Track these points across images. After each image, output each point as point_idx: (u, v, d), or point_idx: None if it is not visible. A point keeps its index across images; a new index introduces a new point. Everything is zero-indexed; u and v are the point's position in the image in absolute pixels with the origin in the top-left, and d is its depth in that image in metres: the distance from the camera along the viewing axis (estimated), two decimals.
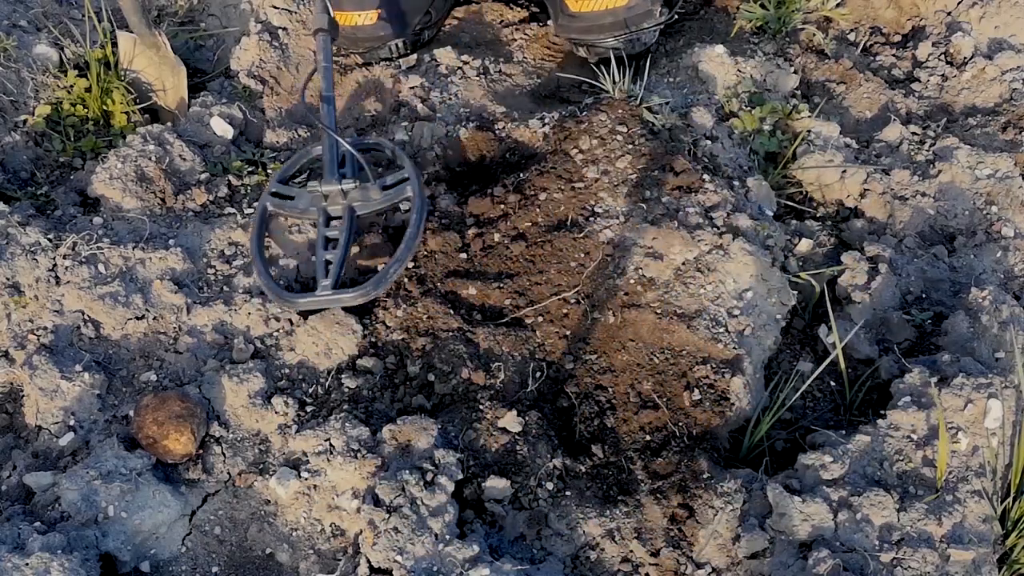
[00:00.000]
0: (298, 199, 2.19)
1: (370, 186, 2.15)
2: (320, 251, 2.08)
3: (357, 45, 2.64)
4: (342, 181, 2.14)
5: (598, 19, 2.44)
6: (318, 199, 2.16)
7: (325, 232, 2.11)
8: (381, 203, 2.15)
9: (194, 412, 1.92)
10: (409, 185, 2.14)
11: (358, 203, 2.14)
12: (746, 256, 2.04)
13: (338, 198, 2.15)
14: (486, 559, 1.70)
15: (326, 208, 2.15)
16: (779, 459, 1.96)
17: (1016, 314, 1.97)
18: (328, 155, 2.17)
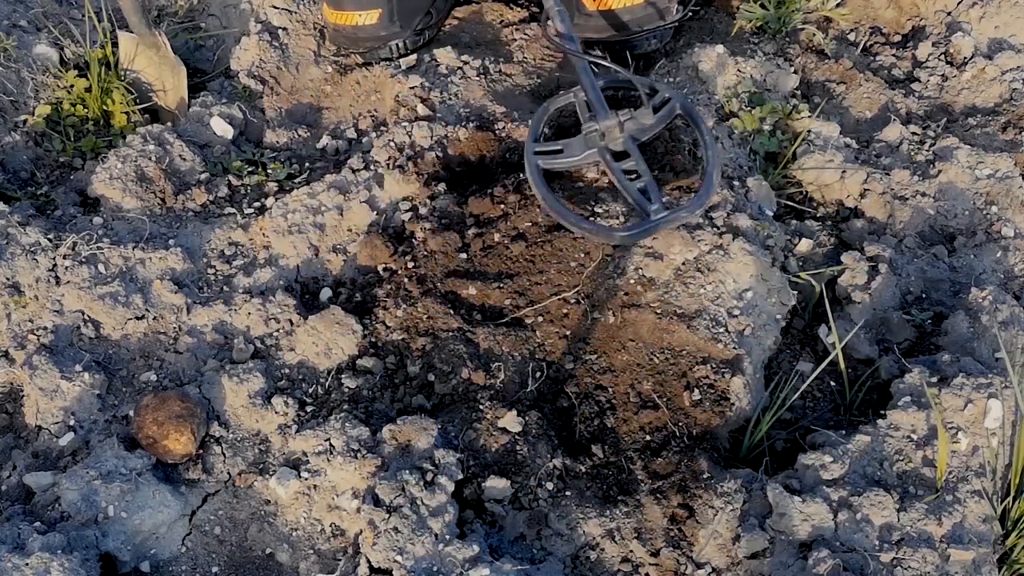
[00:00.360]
0: (570, 148, 2.14)
1: (642, 111, 2.12)
2: (628, 184, 2.03)
3: (358, 45, 2.64)
4: (619, 114, 2.09)
5: (617, 17, 2.47)
6: (594, 140, 2.11)
7: (620, 167, 2.06)
8: (656, 126, 2.13)
9: (194, 412, 1.92)
10: (676, 102, 2.13)
11: (635, 131, 2.11)
12: (746, 256, 2.04)
13: (615, 132, 2.09)
14: (486, 559, 1.70)
15: (606, 146, 2.10)
16: (779, 459, 1.96)
17: (1016, 314, 1.97)
18: (593, 92, 2.12)
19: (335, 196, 2.26)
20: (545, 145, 2.17)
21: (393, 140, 2.39)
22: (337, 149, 2.55)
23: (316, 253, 2.22)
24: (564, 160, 2.14)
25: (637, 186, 2.02)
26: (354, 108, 2.63)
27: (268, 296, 2.13)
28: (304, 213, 2.24)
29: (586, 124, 2.10)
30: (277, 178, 2.44)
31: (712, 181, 2.02)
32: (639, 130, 2.12)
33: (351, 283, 2.21)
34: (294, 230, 2.22)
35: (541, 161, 2.13)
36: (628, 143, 2.09)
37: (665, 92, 2.15)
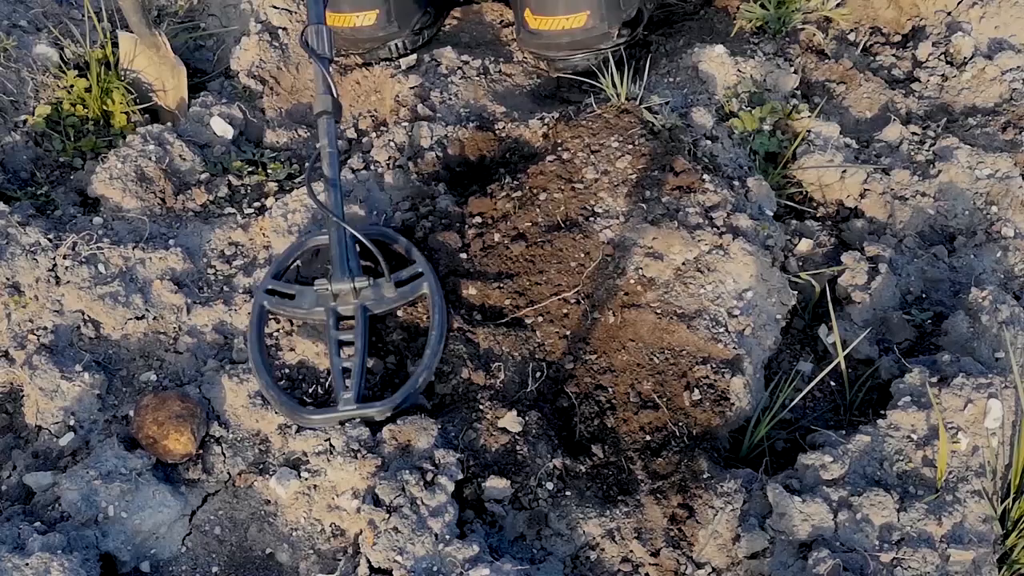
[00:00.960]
0: (300, 297, 2.02)
1: (383, 282, 1.99)
2: (335, 357, 1.92)
3: (357, 46, 2.64)
4: (354, 278, 1.96)
5: (556, 38, 2.46)
6: (326, 298, 1.99)
7: (338, 335, 1.95)
8: (395, 301, 2.00)
9: (194, 412, 1.92)
10: (424, 282, 2.00)
11: (370, 302, 1.99)
12: (746, 256, 2.04)
13: (349, 297, 1.98)
14: (486, 559, 1.70)
15: (335, 308, 1.98)
16: (779, 459, 1.96)
17: (1016, 314, 1.97)
18: (337, 249, 1.98)
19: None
20: (281, 284, 2.05)
21: (393, 140, 2.39)
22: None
23: (316, 254, 2.22)
24: (291, 307, 2.02)
25: (343, 364, 1.91)
26: (354, 108, 2.63)
27: None
28: (304, 213, 2.24)
29: (319, 280, 1.99)
30: (277, 178, 2.44)
31: (417, 381, 1.89)
32: (375, 301, 1.99)
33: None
34: (294, 230, 2.22)
35: (267, 302, 2.02)
36: (358, 312, 1.97)
37: (418, 267, 2.03)
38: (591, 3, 2.42)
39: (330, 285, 1.96)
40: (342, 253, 1.98)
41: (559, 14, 2.42)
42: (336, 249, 1.98)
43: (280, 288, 2.04)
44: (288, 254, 2.11)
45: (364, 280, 1.96)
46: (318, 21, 2.08)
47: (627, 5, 2.49)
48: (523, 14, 2.50)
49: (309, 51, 2.06)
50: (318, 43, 2.08)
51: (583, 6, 2.42)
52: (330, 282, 1.96)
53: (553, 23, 2.43)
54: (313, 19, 2.08)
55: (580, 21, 2.44)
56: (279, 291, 2.04)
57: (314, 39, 2.08)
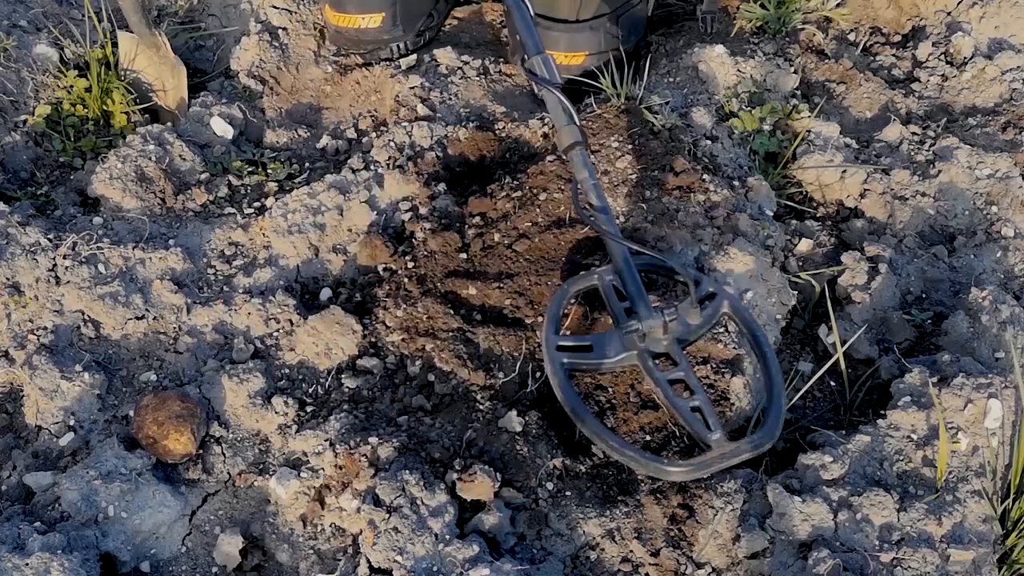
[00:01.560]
0: (601, 346, 1.81)
1: (686, 308, 1.81)
2: (674, 399, 1.72)
3: (360, 47, 2.64)
4: (664, 313, 1.78)
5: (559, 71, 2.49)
6: (632, 340, 1.79)
7: (665, 377, 1.75)
8: (702, 327, 1.83)
9: (194, 412, 1.92)
10: (724, 300, 1.84)
11: (679, 333, 1.81)
12: (746, 256, 2.04)
13: (658, 333, 1.78)
14: (486, 559, 1.70)
15: (647, 348, 1.79)
16: (779, 459, 1.96)
17: (1016, 314, 1.97)
18: (634, 286, 1.82)
19: (335, 196, 2.26)
20: (571, 339, 1.85)
21: (393, 140, 2.39)
22: (337, 149, 2.55)
23: (316, 253, 2.22)
24: (595, 360, 1.81)
25: (689, 404, 1.72)
26: (354, 108, 2.63)
27: (268, 296, 2.13)
28: (304, 213, 2.24)
29: (624, 322, 1.80)
30: (277, 178, 2.44)
31: (780, 407, 1.72)
32: (684, 331, 1.81)
33: (351, 283, 2.21)
34: (294, 230, 2.22)
35: (567, 358, 1.80)
36: (673, 347, 1.79)
37: (709, 286, 1.86)
38: (591, 44, 2.48)
39: (640, 325, 1.78)
40: (640, 289, 1.82)
41: (559, 51, 2.45)
42: (632, 286, 1.83)
43: (570, 343, 1.84)
44: (557, 305, 1.89)
45: (672, 312, 1.78)
46: (538, 51, 1.99)
47: (627, 43, 2.53)
48: None
49: (540, 82, 1.95)
50: (548, 72, 1.98)
51: (583, 47, 2.48)
52: (640, 321, 1.78)
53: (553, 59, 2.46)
54: (533, 50, 1.99)
55: (579, 60, 2.50)
56: (571, 346, 1.83)
57: (541, 69, 1.98)
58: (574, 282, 1.92)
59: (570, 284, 1.92)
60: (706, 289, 1.86)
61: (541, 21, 2.45)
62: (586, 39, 2.47)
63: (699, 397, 1.72)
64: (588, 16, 2.46)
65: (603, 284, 1.89)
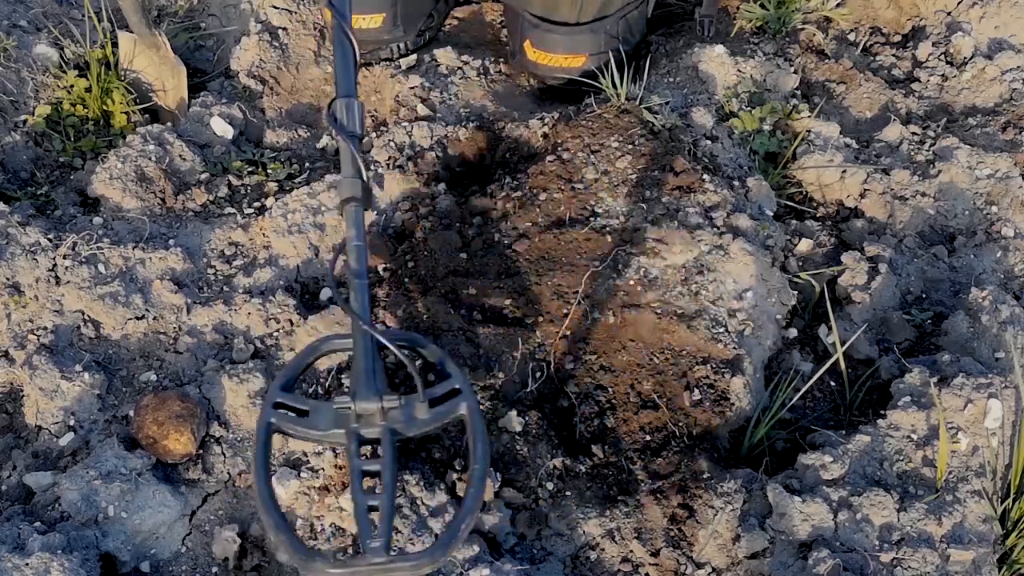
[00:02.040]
0: (316, 415, 1.64)
1: (415, 401, 1.63)
2: (358, 494, 1.54)
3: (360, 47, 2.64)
4: (382, 397, 1.60)
5: (553, 72, 2.51)
6: (346, 418, 1.61)
7: (360, 465, 1.57)
8: (429, 424, 1.63)
9: (194, 412, 1.92)
10: (463, 401, 1.64)
11: (399, 424, 1.61)
12: (746, 256, 2.04)
13: (375, 418, 1.60)
14: (486, 559, 1.70)
15: (358, 430, 1.60)
16: (779, 459, 1.96)
17: (1016, 314, 1.97)
18: (364, 361, 1.63)
19: (335, 196, 2.26)
20: (292, 398, 1.66)
21: (393, 140, 2.39)
22: (337, 149, 2.55)
23: (316, 253, 2.22)
24: (304, 427, 1.63)
25: (369, 501, 1.52)
26: None
27: (268, 296, 2.13)
28: (304, 213, 2.24)
29: (340, 397, 1.61)
30: (277, 178, 2.44)
31: (460, 530, 1.50)
32: (405, 424, 1.61)
33: None
34: (294, 230, 2.22)
35: (276, 418, 1.63)
36: (386, 436, 1.59)
37: (457, 383, 1.66)
38: (591, 47, 2.47)
39: (353, 404, 1.60)
40: (368, 366, 1.64)
41: (559, 54, 2.44)
42: (362, 361, 1.64)
43: (290, 402, 1.67)
44: (300, 361, 1.76)
45: (394, 399, 1.60)
46: (347, 95, 1.81)
47: (627, 45, 2.52)
48: (523, 44, 2.52)
49: (337, 127, 1.78)
50: (348, 119, 1.79)
51: (583, 49, 2.47)
52: (353, 400, 1.60)
53: (552, 61, 2.46)
54: (342, 92, 1.81)
55: (579, 63, 2.48)
56: (289, 405, 1.66)
57: (343, 114, 1.80)
58: (328, 342, 1.77)
59: (323, 343, 1.77)
60: (451, 385, 1.67)
61: (541, 24, 2.45)
62: (587, 41, 2.47)
63: (384, 499, 1.53)
64: (588, 19, 2.46)
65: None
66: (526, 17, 2.49)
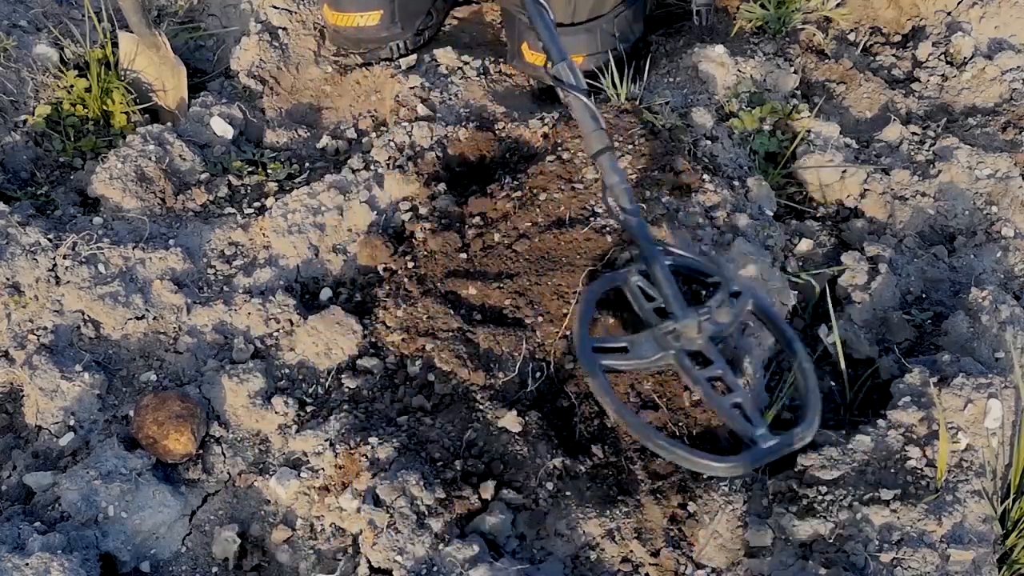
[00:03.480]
0: (637, 347, 1.83)
1: (717, 306, 1.86)
2: (715, 398, 1.76)
3: (359, 46, 2.64)
4: (698, 312, 1.82)
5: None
6: (667, 340, 1.82)
7: (703, 374, 1.79)
8: (731, 323, 1.87)
9: (194, 412, 1.92)
10: (749, 297, 1.89)
11: (713, 331, 1.85)
12: (746, 256, 2.04)
13: (692, 332, 1.81)
14: (486, 559, 1.70)
15: (682, 348, 1.82)
16: (779, 459, 1.95)
17: (1016, 314, 1.97)
18: (670, 287, 1.85)
19: (335, 196, 2.26)
20: (606, 341, 1.87)
21: (393, 140, 2.39)
22: (337, 149, 2.55)
23: (316, 253, 2.22)
24: (631, 360, 1.83)
25: (730, 401, 1.76)
26: (354, 108, 2.63)
27: (268, 296, 2.13)
28: (304, 213, 2.24)
29: (656, 322, 1.84)
30: (277, 178, 2.44)
31: (817, 399, 1.77)
32: (716, 329, 1.85)
33: (351, 283, 2.21)
34: (294, 230, 2.22)
35: (604, 359, 1.82)
36: (707, 345, 1.82)
37: (735, 285, 1.91)
38: (589, 47, 2.46)
39: (676, 325, 1.81)
40: (675, 290, 1.85)
41: None
42: (667, 288, 1.85)
43: (605, 344, 1.86)
44: (586, 308, 1.90)
45: (706, 311, 1.83)
46: (562, 58, 2.00)
47: (623, 40, 2.51)
48: (520, 46, 2.51)
49: (567, 88, 1.97)
50: (574, 78, 1.99)
51: (581, 50, 2.45)
52: (677, 323, 1.81)
53: (543, 60, 2.45)
54: (557, 57, 2.00)
55: (577, 63, 2.46)
56: (607, 348, 1.85)
57: (567, 75, 1.99)
58: (600, 283, 1.93)
59: (597, 286, 1.92)
60: (732, 287, 1.89)
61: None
62: (583, 42, 2.46)
63: (739, 394, 1.76)
64: (583, 19, 2.45)
65: (629, 285, 1.91)
66: (521, 20, 2.49)
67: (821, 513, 1.73)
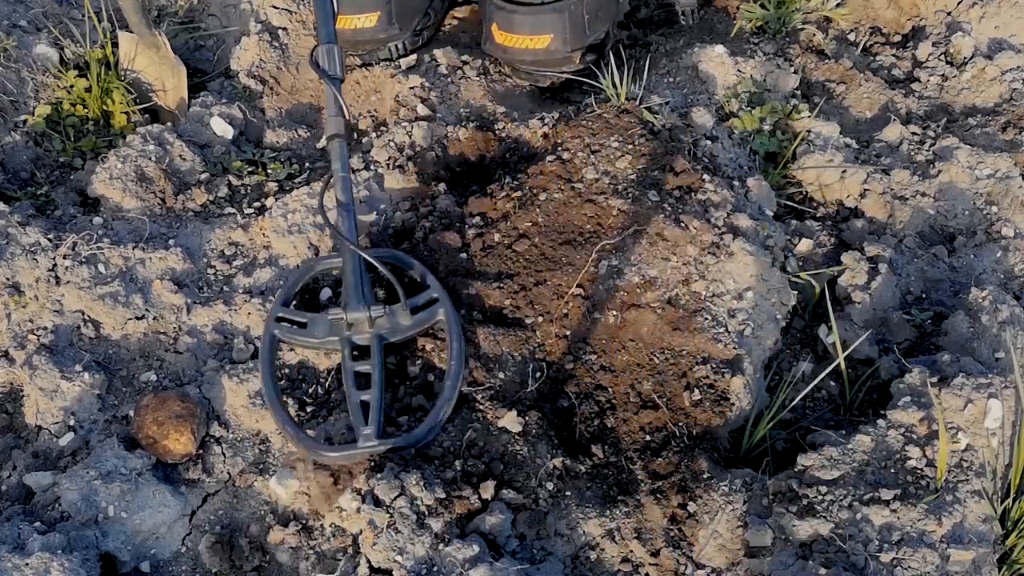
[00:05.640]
0: (313, 326, 1.95)
1: (399, 310, 1.93)
2: (352, 390, 1.86)
3: (357, 48, 2.64)
4: (370, 307, 1.90)
5: (519, 55, 2.48)
6: (340, 327, 1.93)
7: (353, 367, 1.90)
8: (411, 329, 1.95)
9: (194, 412, 1.92)
10: (440, 308, 1.95)
11: (386, 330, 1.93)
12: (746, 256, 2.04)
13: (364, 325, 1.92)
14: (486, 559, 1.70)
15: (350, 337, 1.92)
16: (779, 459, 1.96)
17: (1016, 314, 1.97)
18: (352, 277, 1.94)
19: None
20: (292, 312, 1.98)
21: (393, 140, 2.39)
22: None
23: (316, 253, 2.22)
24: (303, 338, 1.96)
25: (361, 397, 1.85)
26: (354, 108, 2.63)
27: (268, 296, 2.12)
28: (304, 213, 2.24)
29: (333, 308, 1.94)
30: (277, 178, 2.44)
31: (439, 414, 1.83)
32: (391, 330, 1.93)
33: None
34: (294, 230, 2.22)
35: (279, 331, 1.96)
36: (373, 341, 1.91)
37: (434, 293, 1.98)
38: (555, 27, 2.43)
39: (345, 314, 1.91)
40: (356, 281, 1.93)
41: (524, 34, 2.42)
42: (351, 277, 1.93)
43: (291, 316, 1.97)
44: (297, 278, 2.04)
45: (380, 309, 1.91)
46: (329, 41, 2.05)
47: (593, 30, 2.48)
48: (491, 27, 2.51)
49: (320, 72, 2.04)
50: (329, 63, 2.05)
51: (547, 30, 2.42)
52: (345, 311, 1.91)
53: (518, 42, 2.43)
54: (324, 39, 2.05)
55: (543, 43, 2.45)
56: (290, 319, 1.97)
57: (325, 59, 2.05)
58: (321, 261, 2.08)
59: (317, 262, 2.08)
60: (430, 295, 1.97)
61: (506, 5, 2.43)
62: (550, 21, 2.42)
63: (372, 393, 1.84)
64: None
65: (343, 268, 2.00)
66: (492, 2, 2.48)
67: (821, 513, 1.73)
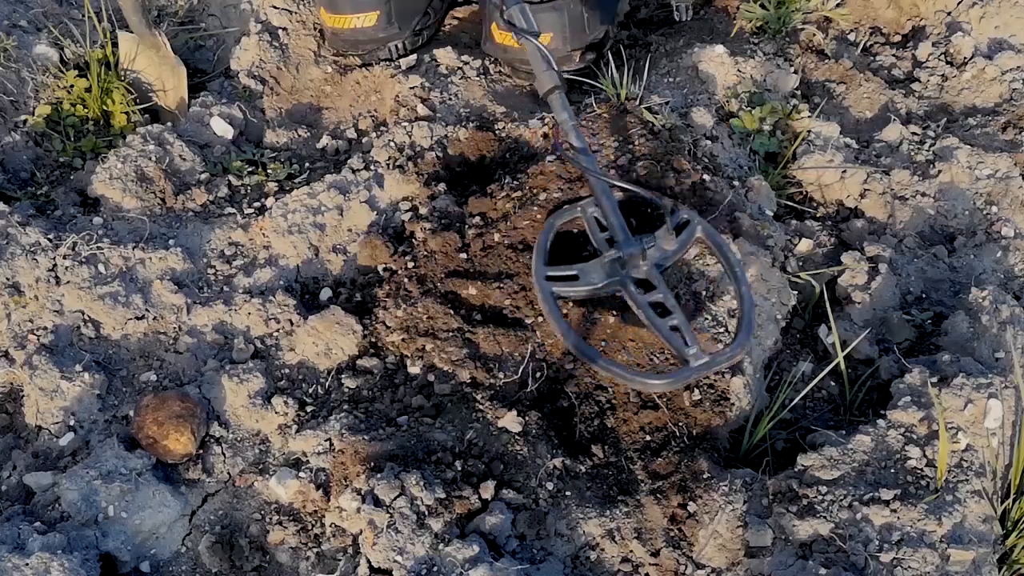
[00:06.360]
0: (586, 274, 1.96)
1: (661, 235, 1.94)
2: (657, 321, 1.86)
3: (357, 48, 2.64)
4: (642, 240, 1.92)
5: (520, 54, 2.48)
6: (614, 268, 1.94)
7: (645, 299, 1.90)
8: (678, 252, 1.98)
9: (194, 412, 1.92)
10: (698, 225, 1.99)
11: (658, 258, 1.95)
12: (746, 256, 2.04)
13: (638, 259, 1.92)
14: (486, 559, 1.70)
15: (628, 274, 1.93)
16: (779, 459, 1.96)
17: (1016, 314, 1.97)
18: (615, 217, 1.97)
19: (335, 196, 2.26)
20: (558, 269, 1.97)
21: (393, 140, 2.39)
22: (337, 149, 2.55)
23: (316, 253, 2.22)
24: (580, 288, 1.95)
25: (668, 323, 1.86)
26: (354, 108, 2.63)
27: (268, 296, 2.13)
28: (304, 213, 2.24)
29: (606, 251, 1.96)
30: (277, 178, 2.44)
31: (751, 321, 1.87)
32: (662, 257, 1.95)
33: (351, 283, 2.21)
34: (294, 230, 2.22)
35: (555, 287, 1.94)
36: (652, 272, 1.93)
37: (683, 214, 2.01)
38: (555, 26, 2.44)
39: (621, 253, 1.93)
40: (620, 220, 1.97)
41: None
42: (614, 217, 1.97)
43: (558, 272, 1.98)
44: (544, 239, 2.03)
45: (650, 239, 1.93)
46: (517, 1, 2.12)
47: (592, 29, 2.49)
48: (491, 27, 2.51)
49: (517, 31, 2.10)
50: (525, 22, 2.12)
51: (546, 28, 2.43)
52: (621, 250, 1.93)
53: (517, 41, 2.44)
54: (512, 1, 2.12)
55: (543, 42, 2.45)
56: (559, 276, 1.97)
57: (519, 19, 2.12)
58: (559, 215, 2.06)
59: (555, 218, 2.06)
60: (681, 217, 2.00)
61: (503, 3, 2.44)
62: (550, 19, 2.43)
63: (677, 317, 1.86)
64: None
65: (585, 216, 2.04)
66: (491, 1, 2.48)
67: (821, 513, 1.73)
